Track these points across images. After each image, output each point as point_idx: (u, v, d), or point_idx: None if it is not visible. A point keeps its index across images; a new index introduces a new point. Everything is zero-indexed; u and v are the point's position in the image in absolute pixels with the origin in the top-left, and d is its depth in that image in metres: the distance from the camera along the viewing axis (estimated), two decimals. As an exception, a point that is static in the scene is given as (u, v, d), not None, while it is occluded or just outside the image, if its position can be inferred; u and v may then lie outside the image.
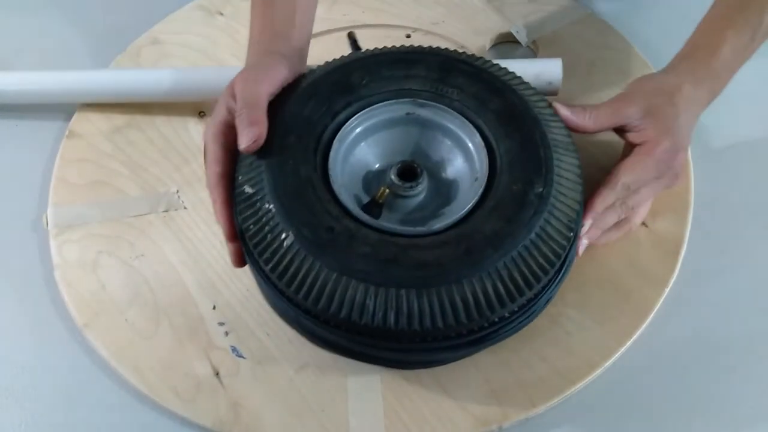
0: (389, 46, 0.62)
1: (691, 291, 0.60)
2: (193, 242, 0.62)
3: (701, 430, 0.55)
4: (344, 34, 0.76)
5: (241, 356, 0.57)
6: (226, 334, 0.58)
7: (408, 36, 0.76)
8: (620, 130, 0.58)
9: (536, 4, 0.78)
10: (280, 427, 0.54)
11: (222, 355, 0.57)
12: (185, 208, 0.64)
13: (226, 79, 0.56)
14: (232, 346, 0.57)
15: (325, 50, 0.74)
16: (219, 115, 0.55)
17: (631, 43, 0.74)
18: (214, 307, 0.59)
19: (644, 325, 0.58)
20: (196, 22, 0.78)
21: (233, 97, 0.54)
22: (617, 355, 0.56)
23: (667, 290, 0.59)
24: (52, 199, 0.65)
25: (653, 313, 0.58)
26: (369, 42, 0.75)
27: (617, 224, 0.57)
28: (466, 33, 0.76)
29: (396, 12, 0.78)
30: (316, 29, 0.76)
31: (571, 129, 0.56)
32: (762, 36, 0.58)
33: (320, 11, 0.77)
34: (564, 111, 0.56)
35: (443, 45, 0.74)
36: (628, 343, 0.57)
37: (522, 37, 0.76)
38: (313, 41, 0.75)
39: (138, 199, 0.65)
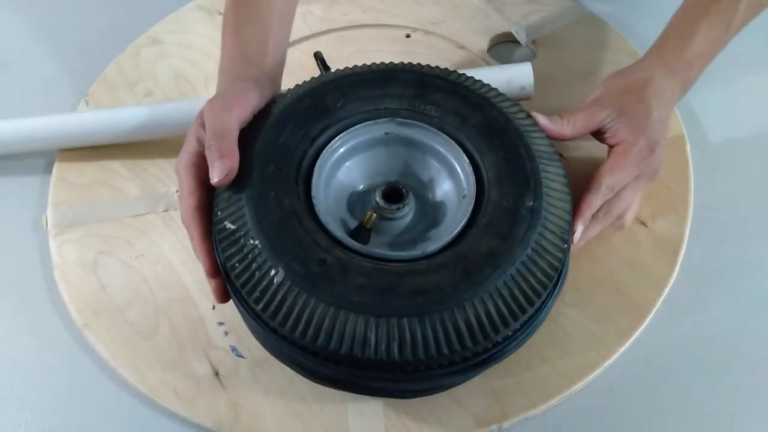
0: (389, 45, 0.61)
1: (690, 291, 0.60)
2: (193, 242, 0.62)
3: (700, 430, 0.55)
4: (344, 33, 0.76)
5: (240, 356, 0.57)
6: (226, 333, 0.58)
7: (408, 36, 0.76)
8: (596, 134, 0.58)
9: (536, 4, 0.78)
10: (279, 426, 0.53)
11: (222, 355, 0.57)
12: (185, 208, 0.64)
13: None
14: (231, 346, 0.57)
15: (325, 51, 0.74)
16: (190, 145, 0.53)
17: (631, 42, 0.74)
18: (213, 307, 0.59)
19: (644, 325, 0.58)
20: (195, 22, 0.78)
21: (203, 126, 0.52)
22: (617, 355, 0.56)
23: (666, 290, 0.59)
24: (52, 199, 0.65)
25: (653, 313, 0.58)
26: (369, 42, 0.76)
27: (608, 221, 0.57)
28: (466, 33, 0.76)
29: (396, 12, 0.78)
30: (316, 29, 0.77)
31: (549, 137, 0.56)
32: (737, 26, 0.58)
33: (319, 11, 0.78)
34: (542, 120, 0.56)
35: (443, 45, 0.75)
36: (628, 343, 0.57)
37: (522, 36, 0.76)
38: (312, 41, 0.76)
39: (137, 198, 0.65)
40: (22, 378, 0.58)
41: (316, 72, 0.73)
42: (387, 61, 0.60)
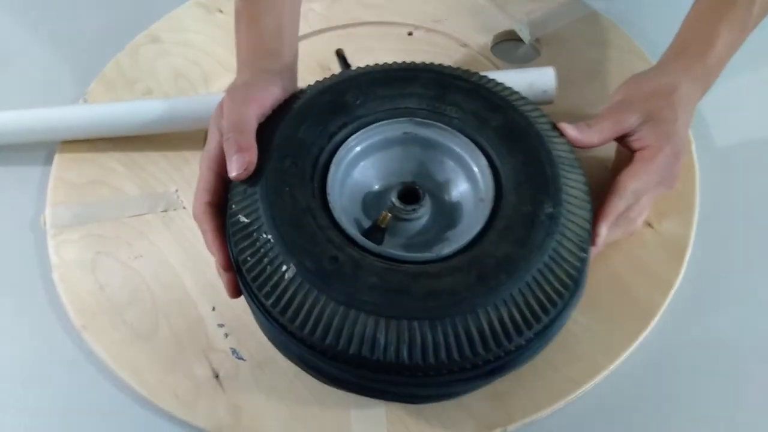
0: (391, 43, 0.61)
1: (697, 292, 0.59)
2: (192, 243, 0.62)
3: (708, 434, 0.54)
4: (346, 31, 0.76)
5: (241, 358, 0.56)
6: (226, 335, 0.57)
7: (410, 34, 0.75)
8: (620, 138, 0.57)
9: (539, 2, 0.77)
10: (280, 429, 0.53)
11: (222, 357, 0.56)
12: (184, 207, 0.64)
13: (212, 107, 0.55)
14: (231, 348, 0.57)
15: (327, 48, 0.74)
16: (213, 140, 0.53)
17: (635, 41, 0.74)
18: (213, 309, 0.58)
19: (650, 327, 0.57)
20: (195, 20, 0.77)
21: (221, 117, 0.52)
22: (623, 357, 0.56)
23: (672, 292, 0.58)
24: (51, 199, 0.65)
25: (659, 315, 0.57)
26: (371, 40, 0.75)
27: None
28: (469, 31, 0.75)
29: (398, 9, 0.77)
30: (317, 26, 0.76)
31: (577, 146, 0.55)
32: (751, 27, 0.58)
33: (321, 8, 0.78)
34: (572, 132, 0.54)
35: (446, 42, 0.75)
36: (634, 346, 0.56)
37: (525, 35, 0.75)
38: (314, 38, 0.75)
39: (137, 198, 0.65)
40: (21, 379, 0.57)
41: (315, 70, 0.72)
42: (389, 59, 0.59)
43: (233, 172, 0.50)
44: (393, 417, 0.53)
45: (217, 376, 0.55)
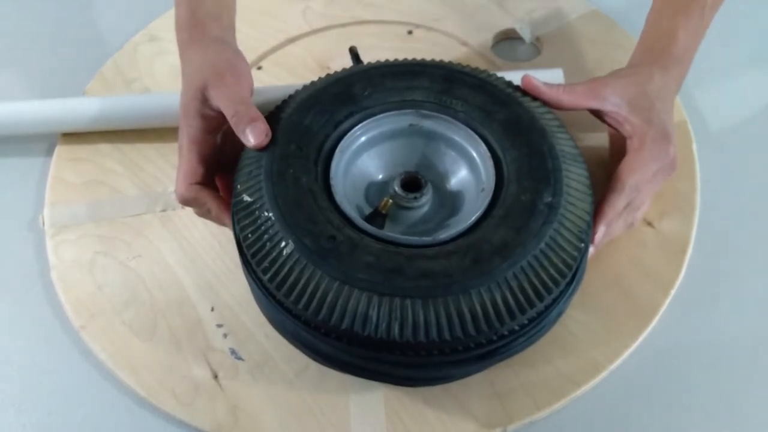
0: (391, 42, 0.61)
1: (697, 292, 0.59)
2: (191, 242, 0.62)
3: (708, 434, 0.54)
4: (345, 30, 0.76)
5: (239, 359, 0.56)
6: (225, 336, 0.57)
7: (410, 32, 0.75)
8: (598, 114, 0.57)
9: (540, 0, 0.77)
10: (279, 430, 0.53)
11: (221, 358, 0.56)
12: (183, 207, 0.63)
13: None
14: (230, 348, 0.56)
15: (326, 47, 0.74)
16: (193, 123, 0.54)
17: (636, 39, 0.73)
18: (212, 309, 0.58)
19: (650, 327, 0.57)
20: (194, 19, 0.77)
21: (205, 103, 0.54)
22: (623, 357, 0.55)
23: (673, 291, 0.58)
24: (49, 199, 0.65)
25: (659, 314, 0.57)
26: (370, 38, 0.75)
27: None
28: (469, 29, 0.75)
29: (397, 8, 0.77)
30: (316, 25, 0.76)
31: (545, 103, 0.56)
32: (709, 12, 0.59)
33: (320, 7, 0.77)
34: (537, 82, 0.56)
35: (445, 41, 0.74)
36: (634, 345, 0.56)
37: (526, 33, 0.75)
38: (312, 37, 0.75)
39: (135, 198, 0.64)
40: (19, 380, 0.57)
41: (315, 68, 0.72)
42: (389, 58, 0.60)
43: (253, 140, 0.52)
44: (392, 417, 0.53)
45: (216, 377, 0.55)
